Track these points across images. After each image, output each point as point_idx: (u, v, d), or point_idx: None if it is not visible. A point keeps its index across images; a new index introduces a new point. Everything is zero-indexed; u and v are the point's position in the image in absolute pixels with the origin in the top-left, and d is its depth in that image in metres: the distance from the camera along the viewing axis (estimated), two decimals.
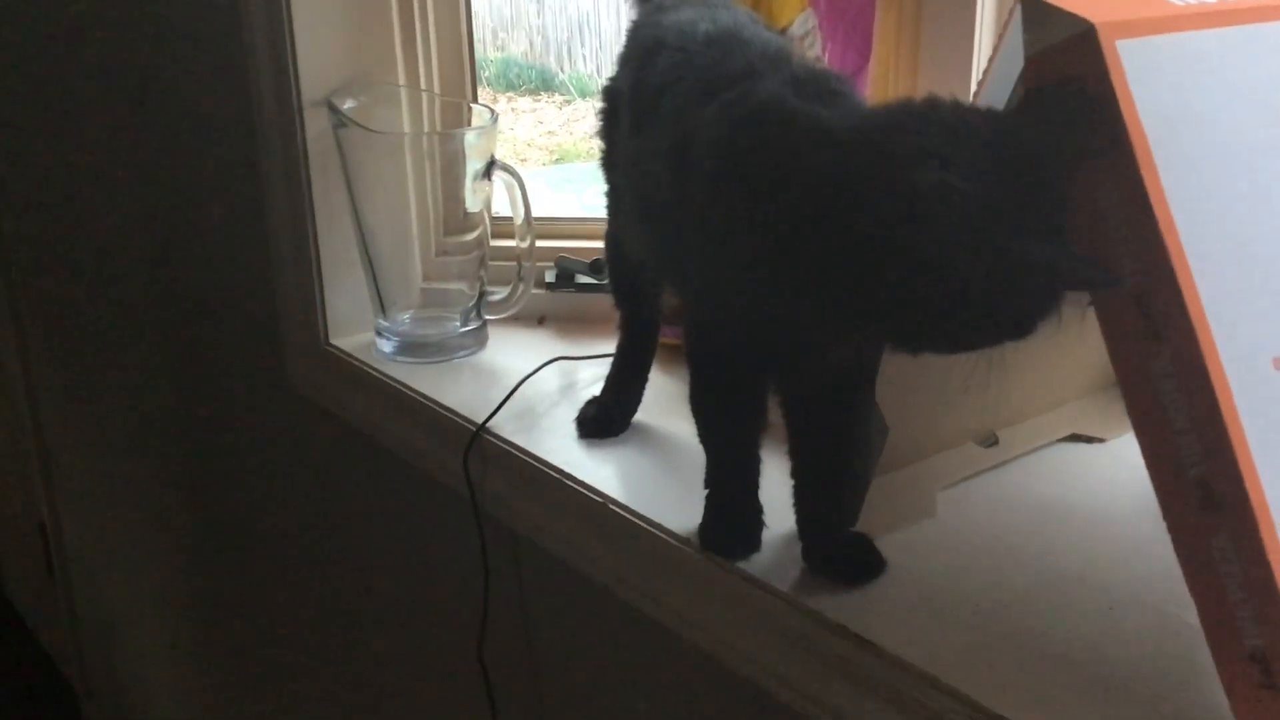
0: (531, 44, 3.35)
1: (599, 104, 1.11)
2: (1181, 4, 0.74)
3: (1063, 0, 0.71)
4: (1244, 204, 0.71)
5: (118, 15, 1.79)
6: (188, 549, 2.30)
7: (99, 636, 3.05)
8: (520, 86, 3.35)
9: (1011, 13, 0.80)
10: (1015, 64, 0.78)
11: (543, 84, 3.33)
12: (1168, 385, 0.68)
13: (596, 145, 1.13)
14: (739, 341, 0.90)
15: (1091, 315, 0.72)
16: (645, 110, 0.99)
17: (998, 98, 0.80)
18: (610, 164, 1.12)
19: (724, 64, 0.93)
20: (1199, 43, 0.73)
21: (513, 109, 3.20)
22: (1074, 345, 1.06)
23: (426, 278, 1.50)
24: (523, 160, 2.95)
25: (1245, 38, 0.76)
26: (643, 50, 1.03)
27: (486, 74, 3.23)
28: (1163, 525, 0.69)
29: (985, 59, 1.06)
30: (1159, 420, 0.69)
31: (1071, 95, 0.71)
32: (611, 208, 1.15)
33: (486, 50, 3.19)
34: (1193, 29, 0.73)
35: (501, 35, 3.32)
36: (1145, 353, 0.69)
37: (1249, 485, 0.65)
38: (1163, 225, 0.67)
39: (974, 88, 0.82)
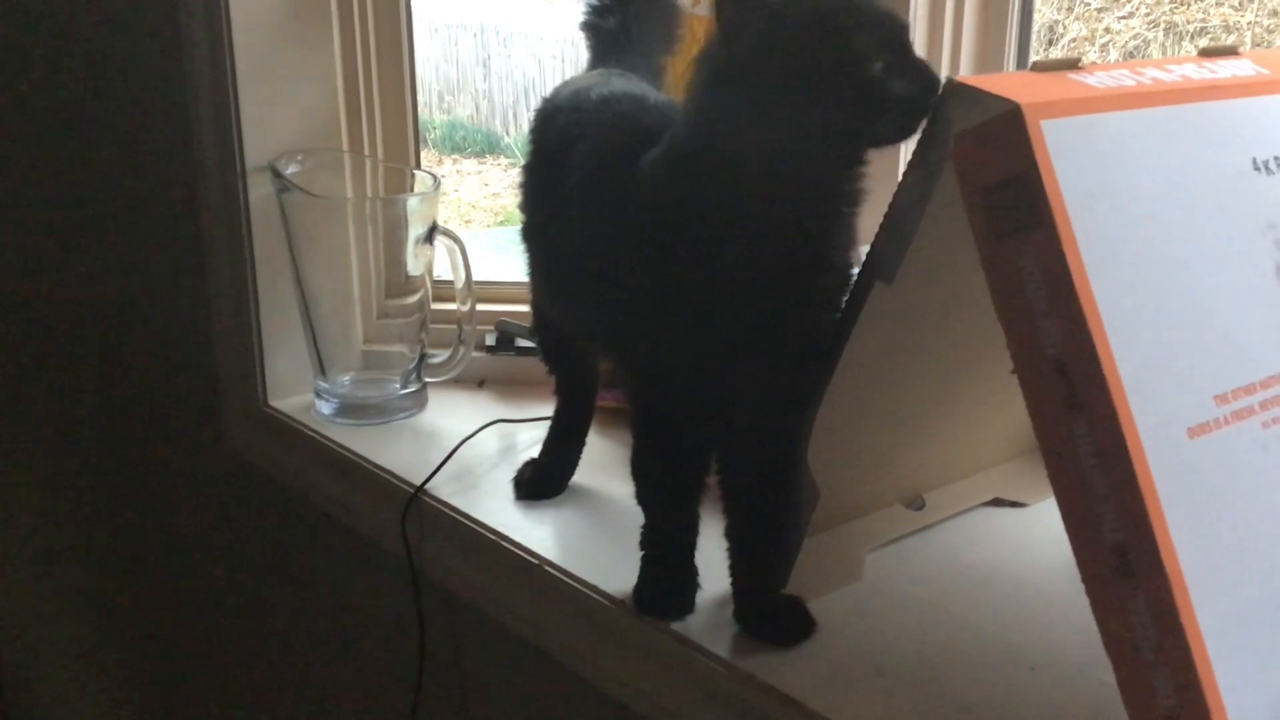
0: (477, 108, 3.37)
1: (519, 180, 1.14)
2: (1102, 86, 0.77)
3: (988, 83, 0.73)
4: (1162, 279, 0.73)
5: (65, 76, 1.80)
6: (121, 610, 2.27)
7: (24, 702, 2.99)
8: (466, 149, 3.37)
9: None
10: (918, 200, 0.82)
11: (488, 147, 3.35)
12: (1087, 452, 0.70)
13: (519, 218, 1.15)
14: (684, 405, 0.92)
15: (1014, 382, 0.74)
16: (549, 175, 1.03)
17: (901, 233, 0.84)
18: (530, 235, 1.14)
19: (630, 120, 0.97)
20: (1120, 123, 0.76)
21: (458, 171, 3.21)
22: (997, 410, 1.08)
23: (367, 340, 1.50)
24: (467, 222, 2.96)
25: (1164, 119, 0.79)
26: (542, 121, 1.08)
27: (432, 136, 3.24)
28: (1082, 589, 0.71)
29: None
30: (1078, 486, 0.70)
31: None
32: (533, 277, 1.17)
33: (433, 113, 3.21)
34: (1114, 110, 0.76)
35: (448, 99, 3.34)
36: (1066, 420, 0.70)
37: (1164, 551, 0.67)
38: (1083, 298, 0.69)
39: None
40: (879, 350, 0.90)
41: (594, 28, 1.18)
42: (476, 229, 2.98)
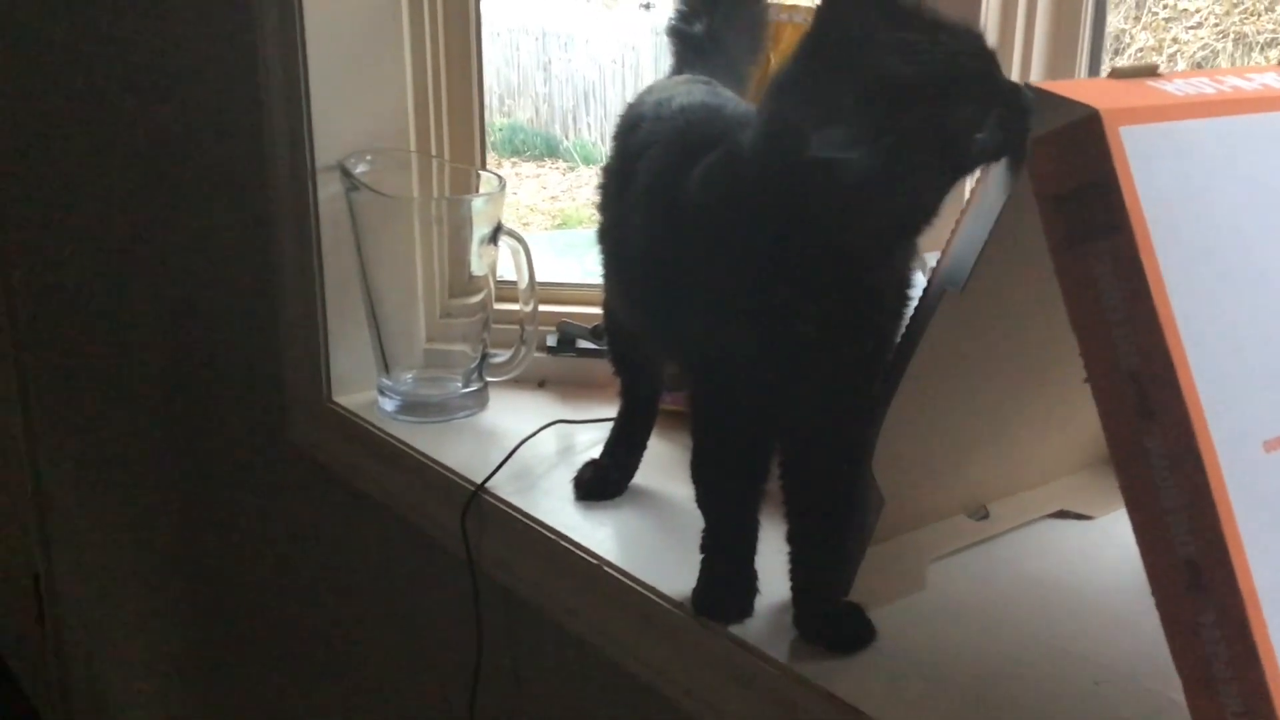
0: (537, 111, 3.38)
1: (598, 181, 1.14)
2: (1182, 94, 0.76)
3: (1066, 88, 0.73)
4: (1240, 289, 0.72)
5: (140, 77, 1.82)
6: (183, 602, 2.29)
7: (88, 689, 3.03)
8: (525, 152, 3.38)
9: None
10: (991, 207, 0.81)
11: (547, 150, 3.36)
12: (1160, 464, 0.69)
13: (595, 218, 1.16)
14: (745, 407, 0.92)
15: (1082, 392, 0.73)
16: (624, 180, 1.03)
17: (973, 240, 0.83)
18: (604, 236, 1.14)
19: (698, 128, 0.96)
20: (1200, 131, 0.75)
21: (517, 174, 3.23)
22: (1063, 421, 1.08)
23: (430, 338, 1.51)
24: (525, 225, 2.98)
25: (1245, 127, 0.78)
26: (626, 127, 1.08)
27: (492, 139, 3.25)
28: (1149, 603, 0.70)
29: None
30: (1150, 499, 0.69)
31: None
32: (606, 278, 1.17)
33: (493, 116, 3.22)
34: (1194, 118, 0.75)
35: (508, 102, 3.36)
36: (1139, 431, 0.70)
37: (1236, 566, 0.66)
38: (1160, 307, 0.68)
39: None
40: (947, 357, 0.89)
41: (680, 33, 1.17)
42: (534, 231, 2.99)
